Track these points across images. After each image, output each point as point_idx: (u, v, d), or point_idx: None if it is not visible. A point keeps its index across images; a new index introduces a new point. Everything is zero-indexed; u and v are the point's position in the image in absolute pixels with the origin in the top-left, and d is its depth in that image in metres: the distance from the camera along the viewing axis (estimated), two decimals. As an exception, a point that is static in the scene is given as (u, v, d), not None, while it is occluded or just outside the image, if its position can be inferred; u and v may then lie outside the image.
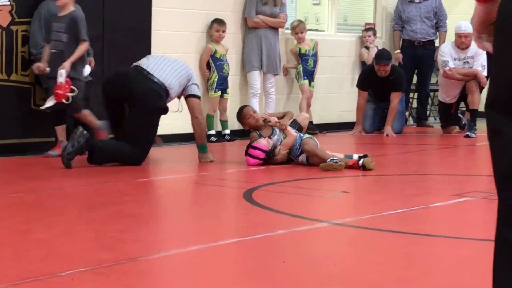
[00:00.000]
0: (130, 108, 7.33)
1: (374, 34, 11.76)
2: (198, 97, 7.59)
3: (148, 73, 7.35)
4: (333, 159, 7.05)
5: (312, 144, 7.39)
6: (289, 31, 10.70)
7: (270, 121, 7.49)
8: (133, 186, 6.24)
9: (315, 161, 7.25)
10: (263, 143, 7.32)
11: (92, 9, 8.41)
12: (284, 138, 7.43)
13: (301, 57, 10.68)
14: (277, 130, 7.46)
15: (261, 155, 7.28)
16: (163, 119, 7.48)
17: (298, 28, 10.57)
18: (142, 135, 7.24)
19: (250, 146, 7.35)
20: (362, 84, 10.82)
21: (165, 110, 7.38)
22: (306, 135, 7.62)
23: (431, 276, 3.61)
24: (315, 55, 10.75)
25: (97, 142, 7.18)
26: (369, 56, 11.61)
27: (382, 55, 10.58)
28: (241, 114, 7.60)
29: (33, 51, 7.89)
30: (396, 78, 10.61)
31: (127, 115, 7.39)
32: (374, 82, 10.60)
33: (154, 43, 9.19)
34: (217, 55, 9.69)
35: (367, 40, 11.69)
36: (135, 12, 8.97)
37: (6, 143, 8.01)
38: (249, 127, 7.55)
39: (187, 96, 7.55)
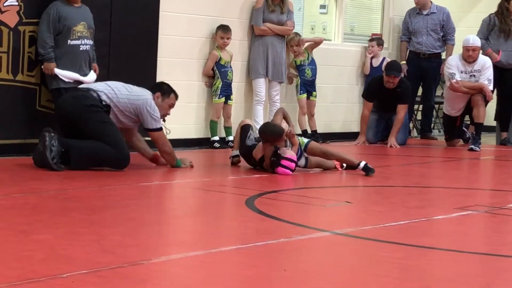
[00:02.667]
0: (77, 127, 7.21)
1: (378, 45, 11.75)
2: (158, 129, 7.29)
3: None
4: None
5: (320, 146, 7.85)
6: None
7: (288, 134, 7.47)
8: (135, 190, 6.25)
9: (316, 163, 7.56)
10: (292, 153, 7.31)
11: (100, 13, 8.42)
12: (291, 146, 7.44)
13: (298, 68, 10.67)
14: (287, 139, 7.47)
15: (293, 166, 7.27)
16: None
17: (293, 41, 10.50)
18: (105, 134, 7.11)
19: (282, 157, 7.22)
20: (368, 94, 10.81)
21: (97, 106, 7.16)
22: (303, 138, 7.69)
23: (432, 289, 3.61)
24: (312, 63, 10.70)
25: (74, 143, 7.06)
26: (365, 67, 11.64)
27: (393, 67, 10.56)
28: (281, 136, 7.34)
29: (41, 51, 7.90)
30: (403, 90, 10.59)
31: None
32: (381, 93, 10.58)
33: (160, 48, 9.20)
34: (222, 62, 9.69)
35: (370, 50, 11.68)
36: (142, 16, 8.97)
37: (11, 143, 8.02)
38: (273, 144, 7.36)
39: (147, 130, 7.33)
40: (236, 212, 5.63)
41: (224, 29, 9.66)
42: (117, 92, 7.25)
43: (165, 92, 7.46)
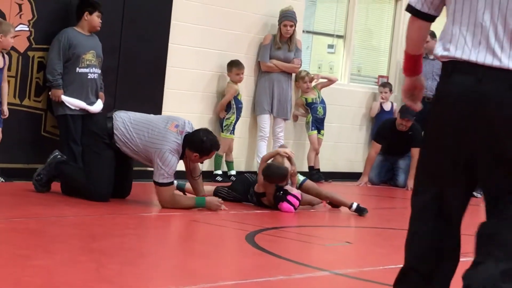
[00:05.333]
0: None
1: (391, 90, 11.83)
2: (161, 184, 6.75)
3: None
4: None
5: (315, 186, 7.84)
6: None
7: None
8: (136, 220, 6.24)
9: (308, 201, 7.63)
10: (298, 191, 7.33)
11: (109, 41, 8.47)
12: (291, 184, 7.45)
13: (309, 106, 10.69)
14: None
15: (297, 203, 7.27)
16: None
17: (308, 78, 10.61)
18: (89, 164, 7.02)
19: (288, 193, 7.24)
20: (380, 136, 10.85)
21: (99, 135, 6.93)
22: (299, 176, 7.72)
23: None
24: (323, 102, 10.78)
25: (66, 168, 7.11)
26: (373, 111, 11.70)
27: (408, 110, 10.60)
28: (286, 176, 7.31)
29: (49, 77, 7.93)
30: (416, 134, 10.66)
31: None
32: (392, 135, 10.65)
33: (167, 79, 9.24)
34: (239, 97, 9.72)
35: (383, 96, 11.73)
36: (151, 47, 9.02)
37: (14, 167, 8.02)
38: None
39: (153, 181, 6.85)
40: (236, 247, 5.62)
41: (237, 65, 9.68)
42: (135, 133, 6.84)
43: (203, 153, 6.85)
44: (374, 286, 4.53)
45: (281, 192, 7.22)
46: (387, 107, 11.77)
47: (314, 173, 10.44)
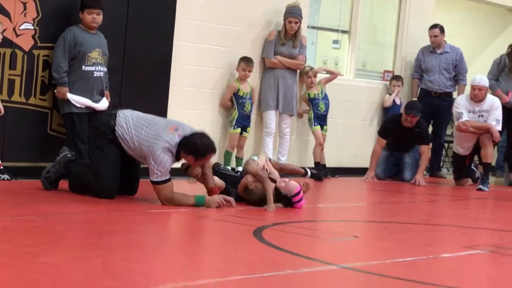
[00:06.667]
0: None
1: (402, 84, 11.85)
2: (157, 183, 6.74)
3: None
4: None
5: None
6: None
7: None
8: (143, 217, 6.24)
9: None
10: (294, 184, 7.21)
11: (114, 40, 8.48)
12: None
13: (311, 101, 10.68)
14: None
15: (302, 195, 7.20)
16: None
17: (312, 72, 10.58)
18: (94, 160, 7.10)
19: (290, 197, 7.11)
20: (384, 131, 10.83)
21: (103, 131, 6.96)
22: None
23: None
24: (325, 98, 10.74)
25: (74, 166, 7.14)
26: (387, 101, 11.71)
27: (414, 107, 10.62)
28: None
29: (55, 75, 7.95)
30: (423, 131, 10.70)
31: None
32: (397, 131, 10.64)
33: (173, 77, 9.24)
34: (240, 93, 9.72)
35: (396, 88, 11.75)
36: (156, 45, 9.03)
37: (21, 165, 8.04)
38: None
39: (150, 180, 6.82)
40: (244, 242, 5.61)
41: (247, 62, 9.70)
42: (133, 130, 6.86)
43: (198, 155, 6.80)
44: (382, 279, 4.52)
45: (287, 201, 7.17)
46: (397, 100, 11.79)
47: (320, 169, 10.43)
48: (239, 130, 9.74)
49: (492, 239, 6.58)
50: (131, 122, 6.91)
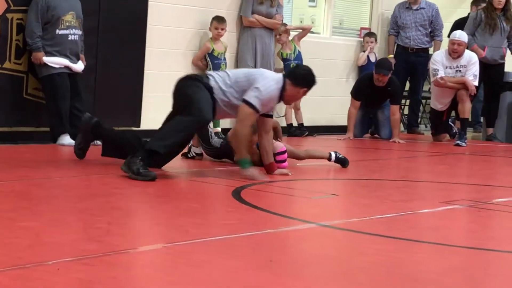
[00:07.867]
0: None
1: (376, 40, 11.80)
2: (247, 103, 6.39)
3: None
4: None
5: (291, 149, 7.54)
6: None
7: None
8: (122, 180, 6.23)
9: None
10: (279, 145, 7.19)
11: (88, 2, 8.40)
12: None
13: (284, 62, 10.63)
14: None
15: (286, 155, 7.17)
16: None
17: (280, 30, 10.45)
18: (188, 94, 6.50)
19: (276, 154, 7.01)
20: (357, 92, 10.72)
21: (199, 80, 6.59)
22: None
23: (417, 282, 3.62)
24: (298, 57, 10.63)
25: (105, 131, 6.88)
26: (361, 59, 11.68)
27: (383, 65, 10.48)
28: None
29: (29, 41, 7.88)
30: (395, 90, 10.58)
31: None
32: (370, 90, 10.55)
33: (149, 38, 9.18)
34: (215, 53, 9.68)
35: (369, 45, 11.70)
36: (131, 6, 8.96)
37: (-3, 130, 8.00)
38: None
39: (242, 98, 6.49)
40: (223, 202, 5.64)
41: (219, 20, 9.64)
42: (233, 77, 6.55)
43: (311, 85, 6.87)
44: (361, 236, 4.55)
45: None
46: (372, 58, 11.76)
47: (294, 130, 10.45)
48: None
49: (469, 194, 6.63)
50: (228, 71, 6.75)
